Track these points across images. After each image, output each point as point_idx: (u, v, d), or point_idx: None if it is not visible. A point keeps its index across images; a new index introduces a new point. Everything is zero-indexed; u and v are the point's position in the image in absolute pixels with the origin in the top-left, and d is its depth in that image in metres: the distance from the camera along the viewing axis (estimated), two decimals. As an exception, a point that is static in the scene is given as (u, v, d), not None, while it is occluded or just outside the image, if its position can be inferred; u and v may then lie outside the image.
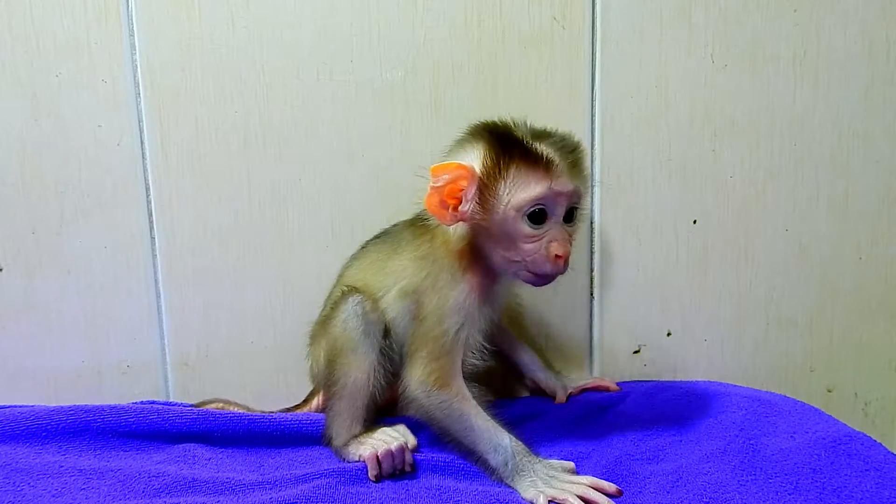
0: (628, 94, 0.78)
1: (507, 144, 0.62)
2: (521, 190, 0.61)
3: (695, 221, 0.80)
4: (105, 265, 0.78)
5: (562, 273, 0.63)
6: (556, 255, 0.62)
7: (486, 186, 0.62)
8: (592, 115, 0.78)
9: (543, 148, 0.62)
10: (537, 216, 0.62)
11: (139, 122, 0.75)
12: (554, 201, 0.62)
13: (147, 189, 0.77)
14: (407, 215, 0.72)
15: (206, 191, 0.77)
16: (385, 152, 0.77)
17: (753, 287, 0.82)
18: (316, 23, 0.75)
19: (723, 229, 0.81)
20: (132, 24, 0.74)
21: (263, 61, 0.75)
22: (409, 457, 0.64)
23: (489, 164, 0.62)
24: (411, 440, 0.65)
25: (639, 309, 0.82)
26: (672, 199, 0.80)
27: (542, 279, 0.64)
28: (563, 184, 0.62)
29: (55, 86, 0.74)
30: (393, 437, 0.64)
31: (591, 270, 0.81)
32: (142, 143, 0.76)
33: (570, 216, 0.64)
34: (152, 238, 0.78)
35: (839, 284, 0.83)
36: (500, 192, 0.61)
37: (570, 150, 0.64)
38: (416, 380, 0.64)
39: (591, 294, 0.82)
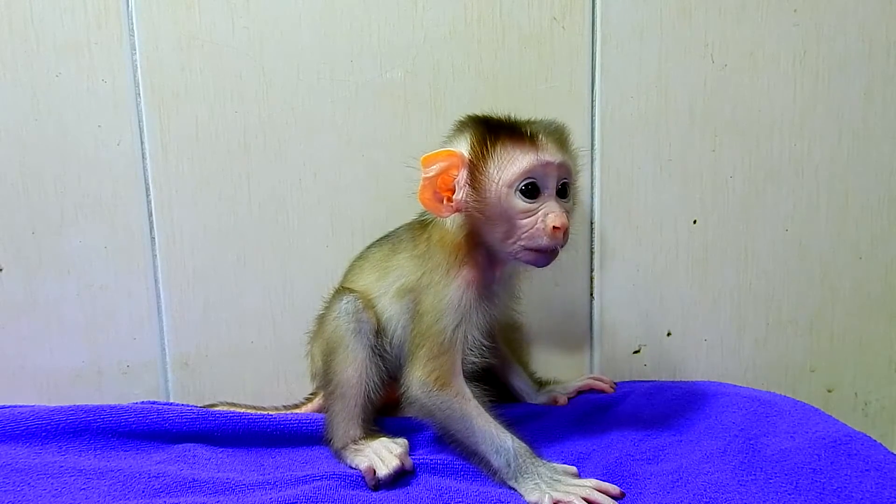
0: (628, 94, 0.78)
1: (492, 126, 0.63)
2: (509, 164, 0.61)
3: (695, 221, 0.80)
4: (105, 265, 0.78)
5: (561, 246, 0.63)
6: (554, 227, 0.61)
7: (476, 169, 0.62)
8: (592, 115, 0.78)
9: (528, 125, 0.63)
10: (530, 190, 0.62)
11: (139, 122, 0.75)
12: (543, 173, 0.62)
13: (147, 189, 0.77)
14: (407, 215, 0.72)
15: (206, 191, 0.77)
16: (385, 152, 0.77)
17: (753, 287, 0.82)
18: (316, 23, 0.75)
19: (723, 229, 0.81)
20: (132, 24, 0.74)
21: (263, 61, 0.75)
22: (408, 462, 0.63)
23: (476, 146, 0.62)
24: (408, 463, 0.63)
25: (639, 309, 0.82)
26: (672, 199, 0.80)
27: (542, 255, 0.63)
28: (551, 154, 0.62)
29: (55, 86, 0.74)
30: (390, 455, 0.63)
31: (591, 270, 0.81)
32: (142, 143, 0.76)
33: (563, 192, 0.64)
34: (152, 238, 0.78)
35: (839, 284, 0.83)
36: (491, 171, 0.62)
37: (554, 130, 0.65)
38: (417, 380, 0.64)
39: (591, 294, 0.82)
